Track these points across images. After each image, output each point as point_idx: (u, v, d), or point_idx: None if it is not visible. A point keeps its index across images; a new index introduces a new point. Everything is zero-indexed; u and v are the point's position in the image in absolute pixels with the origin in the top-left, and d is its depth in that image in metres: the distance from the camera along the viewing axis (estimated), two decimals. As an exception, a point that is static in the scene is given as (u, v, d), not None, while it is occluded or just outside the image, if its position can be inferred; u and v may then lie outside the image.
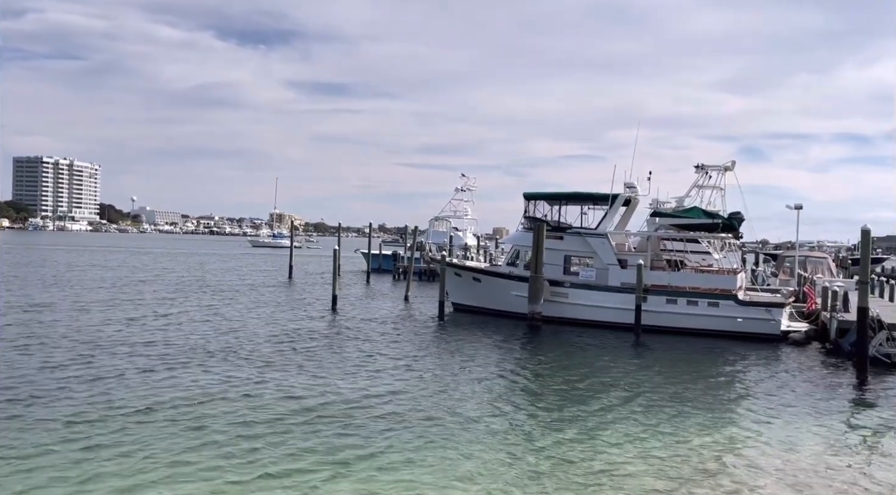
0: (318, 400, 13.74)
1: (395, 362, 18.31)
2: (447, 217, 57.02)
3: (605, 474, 10.31)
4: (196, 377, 15.46)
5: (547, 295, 26.69)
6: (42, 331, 20.76)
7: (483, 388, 15.70)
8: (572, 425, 12.85)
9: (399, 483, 9.54)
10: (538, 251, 26.17)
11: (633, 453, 11.35)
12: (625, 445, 11.75)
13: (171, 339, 20.38)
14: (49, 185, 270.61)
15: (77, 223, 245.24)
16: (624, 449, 11.51)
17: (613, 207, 28.14)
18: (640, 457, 11.15)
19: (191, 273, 50.91)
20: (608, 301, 26.66)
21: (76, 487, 8.93)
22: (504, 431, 12.30)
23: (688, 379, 17.85)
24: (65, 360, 16.54)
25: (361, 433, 11.66)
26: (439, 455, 10.73)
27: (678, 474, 10.43)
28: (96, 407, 12.58)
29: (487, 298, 29.44)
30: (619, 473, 10.37)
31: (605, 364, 19.67)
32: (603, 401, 14.92)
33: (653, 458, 11.13)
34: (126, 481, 9.21)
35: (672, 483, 10.06)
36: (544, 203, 29.72)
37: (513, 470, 10.29)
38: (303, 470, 9.81)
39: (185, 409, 12.73)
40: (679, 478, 10.24)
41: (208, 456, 10.32)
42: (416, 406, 13.66)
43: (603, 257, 27.42)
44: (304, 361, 17.90)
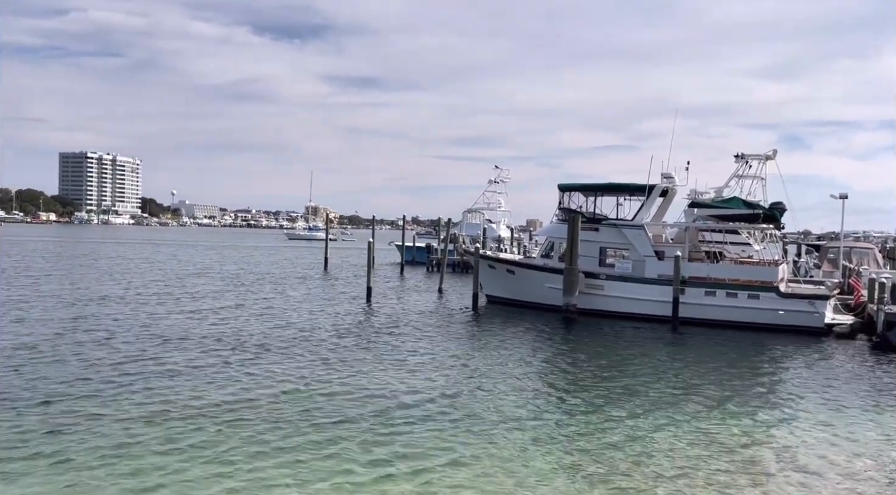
0: (354, 395, 13.81)
1: (430, 356, 18.35)
2: (480, 209, 56.97)
3: (642, 467, 10.20)
4: (248, 371, 15.65)
5: (582, 287, 26.47)
6: (110, 325, 21.20)
7: (519, 382, 15.66)
8: (609, 419, 12.75)
9: (436, 477, 9.55)
10: (573, 243, 25.95)
11: (670, 448, 11.21)
12: (662, 440, 11.61)
13: (226, 332, 20.62)
14: (93, 180, 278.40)
15: (120, 217, 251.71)
16: (661, 444, 11.38)
17: (650, 198, 27.70)
18: (678, 452, 11.01)
19: (237, 266, 51.74)
20: (645, 293, 26.30)
21: (159, 482, 9.08)
22: (540, 425, 12.25)
23: (727, 373, 17.53)
24: (137, 354, 16.81)
25: (398, 428, 11.70)
26: (477, 449, 10.71)
27: (716, 469, 10.27)
28: (173, 402, 12.67)
29: (522, 290, 29.32)
30: (657, 468, 10.25)
31: (642, 357, 19.43)
32: (640, 395, 14.75)
33: (690, 453, 10.98)
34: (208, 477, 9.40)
35: (710, 477, 9.90)
36: (579, 194, 29.42)
37: (549, 465, 10.25)
38: (341, 470, 9.82)
39: (225, 408, 12.86)
40: (717, 473, 10.08)
41: (246, 452, 10.45)
42: (453, 400, 13.66)
43: (639, 249, 27.04)
44: (341, 355, 18.03)
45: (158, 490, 8.79)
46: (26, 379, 13.93)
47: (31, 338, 18.33)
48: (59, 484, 8.81)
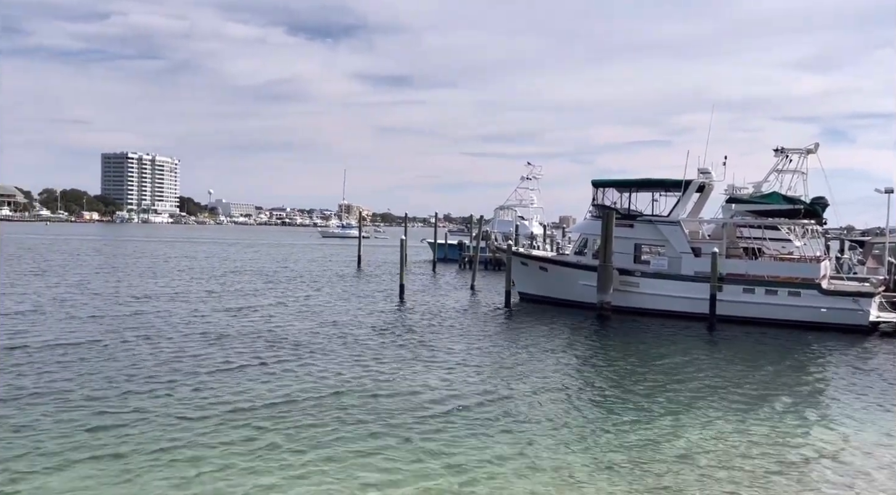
0: (392, 394, 13.80)
1: (465, 355, 18.31)
2: (513, 206, 56.72)
3: (682, 467, 10.05)
4: (289, 369, 15.73)
5: (616, 284, 26.17)
6: (157, 322, 21.54)
7: (555, 381, 15.54)
8: (647, 418, 12.58)
9: (476, 477, 9.50)
10: (607, 239, 25.66)
11: (710, 447, 11.02)
12: (701, 439, 11.42)
13: (268, 330, 20.76)
14: (134, 180, 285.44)
15: (159, 216, 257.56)
16: (700, 443, 11.19)
17: (686, 194, 27.23)
18: (718, 452, 10.81)
19: (275, 264, 52.38)
20: (681, 290, 25.88)
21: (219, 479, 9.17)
22: (578, 425, 12.15)
23: (768, 372, 17.14)
24: (183, 352, 17.00)
25: (436, 427, 11.68)
26: (515, 448, 10.64)
27: (758, 469, 10.05)
28: (219, 399, 12.75)
29: (555, 288, 29.12)
30: (697, 467, 10.08)
31: (679, 355, 19.11)
32: (679, 394, 14.51)
33: (731, 453, 10.77)
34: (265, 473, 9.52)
35: (746, 478, 9.70)
36: (613, 190, 29.07)
37: (589, 465, 10.16)
38: (382, 468, 9.80)
39: (273, 405, 13.02)
40: (759, 474, 9.87)
41: (290, 450, 10.54)
42: (487, 398, 13.61)
43: (675, 245, 26.61)
44: (377, 354, 18.08)
45: (207, 486, 8.89)
46: (76, 375, 14.25)
47: (81, 335, 18.75)
48: (107, 479, 8.97)
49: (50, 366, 14.96)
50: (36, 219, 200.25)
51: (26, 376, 13.99)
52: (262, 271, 44.64)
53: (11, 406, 11.91)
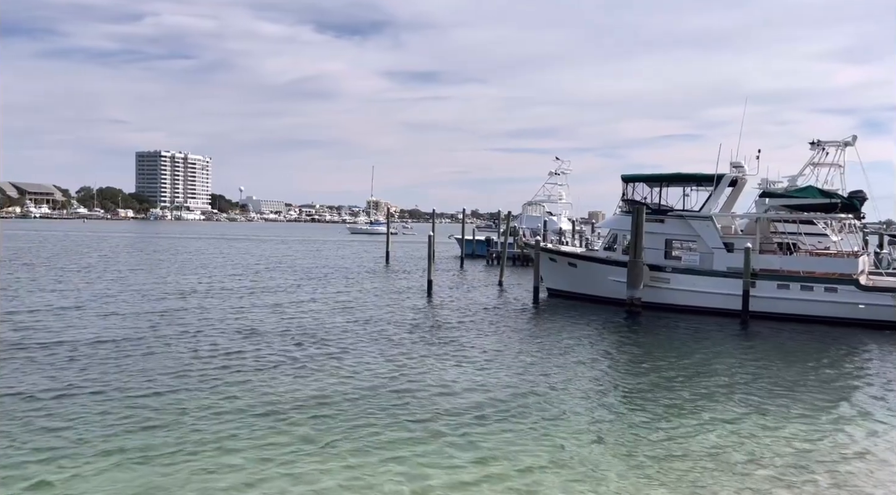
0: (422, 392, 13.81)
1: (491, 350, 18.30)
2: (541, 201, 56.40)
3: (709, 463, 9.92)
4: (325, 366, 15.86)
5: (647, 280, 25.87)
6: (196, 318, 21.80)
7: (582, 377, 15.46)
8: (677, 414, 12.44)
9: (509, 475, 9.49)
10: (637, 235, 25.37)
11: (739, 446, 10.85)
12: (731, 437, 11.25)
13: (303, 327, 20.84)
14: (167, 178, 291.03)
15: (192, 213, 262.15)
16: (730, 442, 11.02)
17: (718, 188, 26.77)
18: (751, 451, 10.64)
19: (307, 260, 52.93)
20: (713, 286, 25.48)
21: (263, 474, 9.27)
22: (605, 421, 12.08)
23: (801, 369, 16.80)
24: (223, 348, 17.09)
25: (466, 422, 11.69)
26: (546, 447, 10.57)
27: (786, 469, 9.87)
28: (261, 396, 12.81)
29: (584, 284, 28.91)
30: (724, 465, 9.95)
31: (711, 352, 18.84)
32: (709, 391, 14.32)
33: (765, 452, 10.59)
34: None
35: (779, 477, 9.53)
36: (644, 185, 28.76)
37: (616, 459, 10.10)
38: (414, 463, 9.83)
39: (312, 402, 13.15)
40: (787, 474, 9.68)
41: (324, 448, 10.64)
42: (519, 396, 13.55)
43: (707, 241, 26.20)
44: (407, 351, 18.12)
45: (266, 484, 8.89)
46: (118, 371, 14.45)
47: (122, 332, 19.05)
48: (147, 475, 9.02)
49: (92, 361, 15.25)
50: (74, 216, 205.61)
51: (69, 371, 14.27)
52: (297, 267, 45.05)
53: (55, 400, 12.15)
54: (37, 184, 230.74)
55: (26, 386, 12.88)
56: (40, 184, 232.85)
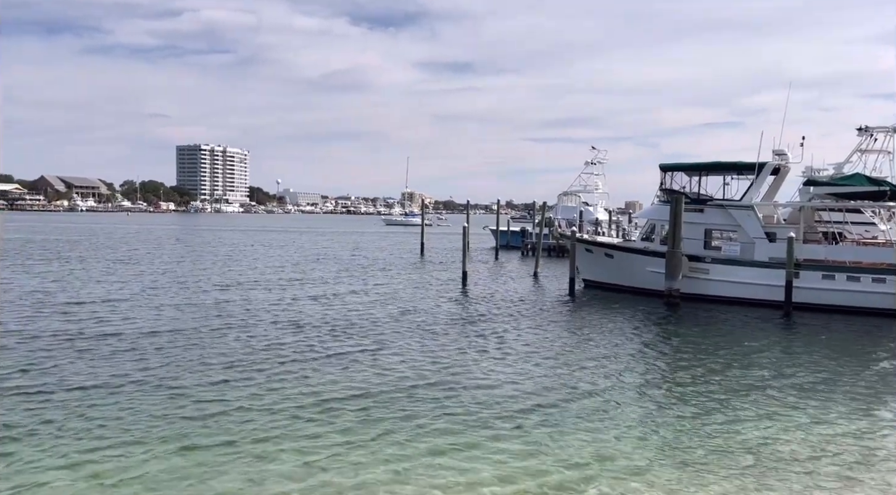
0: (461, 385, 13.77)
1: (527, 342, 18.24)
2: (576, 191, 55.83)
3: (751, 459, 9.77)
4: (365, 359, 15.89)
5: (686, 271, 25.47)
6: (242, 310, 21.84)
7: (623, 369, 15.28)
8: (720, 410, 12.23)
9: (548, 471, 9.41)
10: (676, 225, 24.97)
11: (784, 441, 10.64)
12: (776, 432, 11.04)
13: (346, 319, 20.83)
14: (206, 171, 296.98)
15: (230, 205, 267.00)
16: (774, 437, 10.82)
17: (760, 177, 26.14)
18: (792, 446, 10.42)
19: (347, 252, 53.36)
20: (754, 277, 24.96)
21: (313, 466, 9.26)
22: (649, 415, 11.94)
23: (849, 363, 16.37)
24: (270, 341, 17.08)
25: (503, 415, 11.64)
26: (578, 437, 10.53)
27: (831, 466, 9.66)
28: (305, 390, 12.72)
29: (621, 274, 28.60)
30: (767, 461, 9.78)
31: (754, 344, 18.48)
32: (753, 386, 14.02)
33: (807, 448, 10.37)
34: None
35: (825, 474, 9.33)
36: (682, 174, 28.25)
37: (656, 454, 10.01)
38: (459, 458, 9.75)
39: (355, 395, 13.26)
40: (832, 471, 9.48)
41: (366, 441, 10.74)
42: (558, 389, 13.46)
43: (748, 230, 25.64)
44: (443, 343, 18.14)
45: (314, 477, 8.89)
46: (166, 363, 14.57)
47: (171, 323, 19.24)
48: (198, 469, 8.97)
49: (143, 353, 15.39)
50: (118, 209, 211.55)
51: (121, 363, 14.43)
52: (336, 259, 45.46)
53: (107, 392, 12.25)
54: (83, 178, 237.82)
55: (80, 378, 13.12)
56: (86, 179, 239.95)
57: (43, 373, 13.40)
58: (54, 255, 42.43)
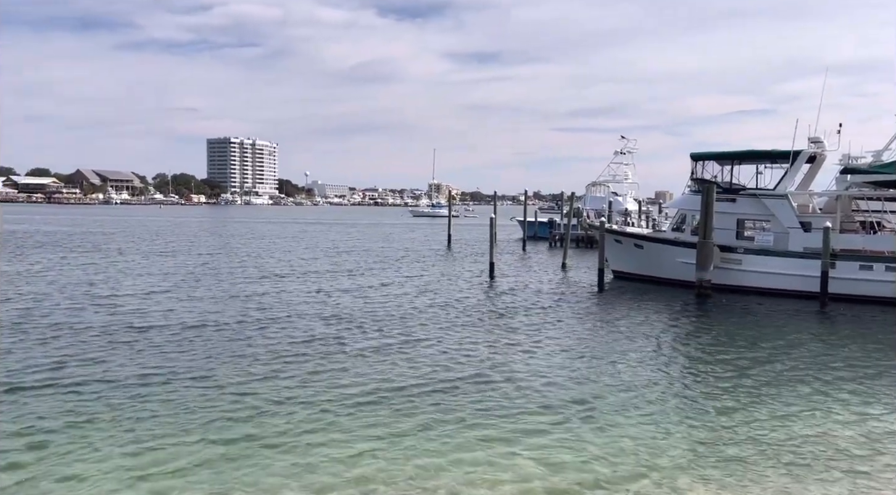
0: (487, 374, 13.75)
1: (558, 334, 18.06)
2: (605, 181, 55.23)
3: (786, 456, 9.58)
4: (403, 353, 15.98)
5: (717, 261, 25.05)
6: (281, 302, 21.91)
7: (654, 363, 15.07)
8: (756, 404, 11.97)
9: (579, 458, 9.39)
10: (707, 215, 24.54)
11: (821, 438, 10.42)
12: (812, 429, 10.79)
13: (388, 311, 20.81)
14: (236, 164, 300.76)
15: (260, 198, 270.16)
16: (811, 434, 10.58)
17: (795, 165, 25.53)
18: (830, 444, 10.20)
19: (377, 243, 53.59)
20: (789, 267, 24.44)
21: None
22: (681, 410, 11.74)
23: (889, 355, 15.91)
24: (310, 335, 16.92)
25: (523, 408, 11.56)
26: (619, 432, 10.37)
27: (871, 464, 9.42)
28: (344, 385, 12.55)
29: (651, 265, 28.25)
30: (803, 458, 9.58)
31: (789, 337, 18.07)
32: (789, 380, 13.72)
33: (845, 445, 10.14)
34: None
35: (864, 472, 9.11)
36: (714, 163, 27.76)
37: (694, 451, 9.87)
38: (485, 453, 9.68)
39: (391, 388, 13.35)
40: (872, 469, 9.25)
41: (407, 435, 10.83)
42: (587, 381, 13.34)
43: (783, 220, 25.09)
44: (471, 333, 18.12)
45: (364, 467, 8.89)
46: (206, 357, 14.52)
47: (210, 316, 19.23)
48: (248, 467, 8.89)
49: (185, 347, 15.37)
50: (150, 202, 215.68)
51: (166, 357, 14.43)
52: (367, 250, 45.57)
53: (149, 386, 12.26)
54: (117, 172, 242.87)
55: (125, 372, 13.16)
56: (120, 172, 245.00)
57: (87, 366, 13.53)
58: (94, 248, 43.38)
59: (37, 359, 14.02)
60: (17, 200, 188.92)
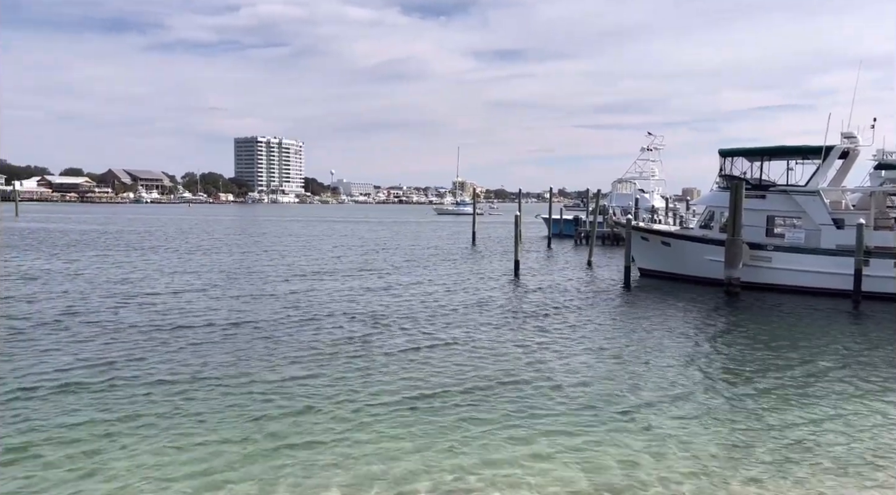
0: (510, 373, 13.73)
1: (586, 333, 17.88)
2: (632, 178, 54.72)
3: (819, 460, 9.45)
4: (433, 356, 16.08)
5: (746, 259, 24.68)
6: (316, 302, 21.82)
7: (684, 363, 14.86)
8: (791, 406, 11.77)
9: (594, 461, 9.33)
10: (736, 212, 24.19)
11: (854, 442, 10.24)
12: (846, 432, 10.63)
13: (412, 309, 20.93)
14: (263, 163, 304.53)
15: (286, 196, 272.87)
16: (844, 438, 10.42)
17: (827, 161, 25.02)
18: (863, 450, 10.02)
19: (402, 241, 53.79)
20: (821, 265, 23.98)
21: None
22: (716, 413, 11.60)
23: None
24: (347, 335, 16.84)
25: (560, 408, 11.50)
26: (646, 434, 10.25)
27: None
28: (380, 386, 12.47)
29: (678, 263, 27.94)
30: (835, 464, 9.44)
31: (823, 336, 17.76)
32: (822, 382, 13.46)
33: (875, 448, 9.96)
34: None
35: None
36: (743, 159, 27.33)
37: (722, 452, 9.79)
38: (512, 455, 9.70)
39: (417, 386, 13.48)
40: None
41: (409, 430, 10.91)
42: (607, 381, 13.27)
43: (814, 217, 24.62)
44: (496, 332, 18.13)
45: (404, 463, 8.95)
46: (238, 357, 14.51)
47: (246, 315, 19.21)
48: (287, 469, 8.80)
49: (220, 345, 15.46)
50: (180, 200, 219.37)
51: (200, 355, 14.52)
52: (393, 249, 45.61)
53: (188, 385, 12.26)
54: (147, 171, 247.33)
55: (165, 371, 13.22)
56: (150, 171, 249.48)
57: (128, 364, 13.66)
58: (129, 246, 44.17)
59: (80, 356, 14.27)
60: (51, 199, 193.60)
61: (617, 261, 34.08)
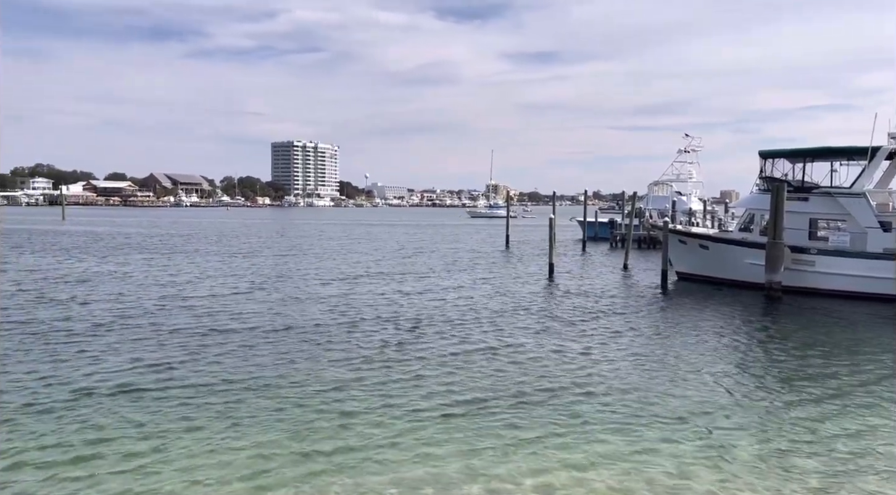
0: (554, 378, 13.78)
1: (621, 338, 17.79)
2: (669, 180, 54.10)
3: (860, 472, 9.32)
4: (478, 360, 16.20)
5: (788, 263, 24.26)
6: (358, 305, 22.02)
7: (724, 370, 14.66)
8: (839, 417, 11.55)
9: (643, 471, 9.33)
10: (777, 214, 23.81)
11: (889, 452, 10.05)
12: (885, 437, 10.43)
13: (444, 314, 21.23)
14: (299, 166, 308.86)
15: (322, 199, 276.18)
16: (882, 441, 10.24)
17: (874, 162, 24.46)
18: None
19: (437, 244, 54.08)
20: (867, 269, 23.44)
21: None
22: (760, 422, 11.45)
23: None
24: (388, 339, 16.96)
25: (583, 415, 11.50)
26: (684, 445, 10.12)
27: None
28: (424, 393, 12.59)
29: (717, 267, 27.59)
30: (878, 475, 9.29)
31: (868, 343, 17.37)
32: (869, 390, 13.19)
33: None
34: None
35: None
36: (784, 161, 26.88)
37: (765, 463, 9.73)
38: (546, 462, 9.89)
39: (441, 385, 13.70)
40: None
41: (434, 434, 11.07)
42: (650, 388, 13.19)
43: (860, 219, 24.07)
44: (536, 338, 18.13)
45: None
46: (277, 361, 14.78)
47: (284, 319, 19.45)
48: (328, 477, 8.85)
49: (268, 349, 15.66)
50: (218, 204, 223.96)
51: (248, 359, 14.74)
52: (428, 251, 45.94)
53: (231, 389, 12.50)
54: (187, 175, 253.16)
55: (215, 375, 13.42)
56: (190, 175, 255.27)
57: (179, 368, 13.95)
58: (173, 250, 45.23)
59: (135, 356, 14.79)
60: (96, 203, 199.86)
61: (653, 265, 33.74)
